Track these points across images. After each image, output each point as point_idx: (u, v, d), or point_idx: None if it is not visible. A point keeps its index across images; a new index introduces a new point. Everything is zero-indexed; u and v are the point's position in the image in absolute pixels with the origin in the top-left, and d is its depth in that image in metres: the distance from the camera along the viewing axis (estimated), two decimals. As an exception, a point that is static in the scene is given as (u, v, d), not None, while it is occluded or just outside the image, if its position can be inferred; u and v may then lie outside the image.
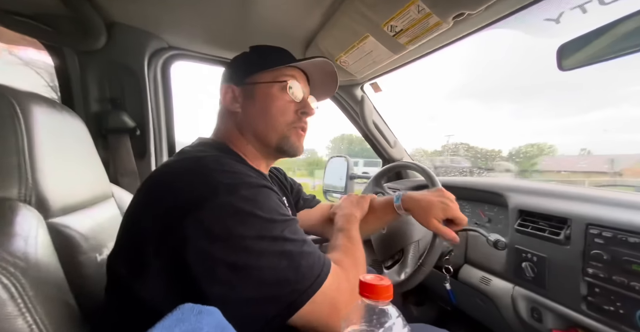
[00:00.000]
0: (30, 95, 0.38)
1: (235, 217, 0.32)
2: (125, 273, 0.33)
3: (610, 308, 0.46)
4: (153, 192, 0.36)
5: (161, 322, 0.24)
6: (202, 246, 0.31)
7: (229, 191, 0.33)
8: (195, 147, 0.45)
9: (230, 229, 0.32)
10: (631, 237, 0.45)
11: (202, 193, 0.33)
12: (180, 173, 0.36)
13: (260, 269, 0.32)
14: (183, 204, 0.32)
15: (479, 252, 0.74)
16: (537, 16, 0.60)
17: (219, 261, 0.31)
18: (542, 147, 9.87)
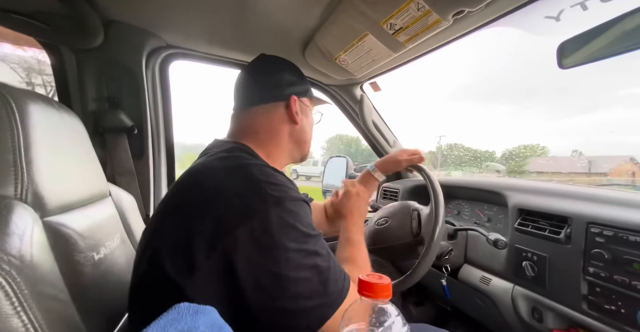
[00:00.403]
0: (27, 93, 0.38)
1: (281, 229, 0.35)
2: (173, 272, 0.33)
3: (611, 308, 0.45)
4: (203, 196, 0.37)
5: (156, 321, 0.24)
6: (250, 255, 0.33)
7: (277, 203, 0.36)
8: (233, 151, 0.45)
9: (275, 240, 0.34)
10: (632, 236, 0.45)
11: (254, 204, 0.35)
12: (230, 181, 0.38)
13: (297, 282, 0.34)
14: (236, 213, 0.34)
15: (479, 252, 0.74)
16: (537, 14, 0.59)
17: (265, 270, 0.33)
18: (534, 148, 10.03)
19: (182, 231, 0.35)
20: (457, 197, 0.95)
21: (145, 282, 0.37)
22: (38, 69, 1.07)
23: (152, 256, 0.36)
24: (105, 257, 0.46)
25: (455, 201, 0.95)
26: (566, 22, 0.56)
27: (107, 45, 0.77)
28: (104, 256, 0.46)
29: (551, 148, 11.57)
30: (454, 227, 0.77)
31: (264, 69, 0.54)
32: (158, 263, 0.34)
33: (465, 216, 0.91)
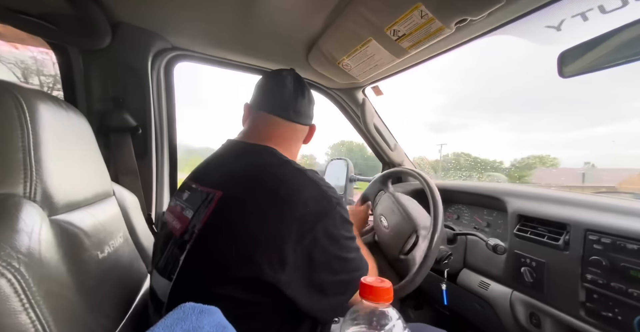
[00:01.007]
0: (37, 93, 0.39)
1: (342, 224, 0.45)
2: (269, 269, 0.38)
3: (608, 314, 0.46)
4: (282, 203, 0.42)
5: (163, 320, 0.24)
6: (325, 245, 0.42)
7: (338, 203, 0.45)
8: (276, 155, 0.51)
9: (341, 232, 0.44)
10: (630, 244, 0.45)
11: (325, 205, 0.44)
12: (304, 186, 0.45)
13: (351, 260, 0.45)
14: (314, 213, 0.42)
15: (478, 257, 0.74)
16: (538, 23, 0.60)
17: (334, 255, 0.43)
18: (544, 159, 9.85)
19: (272, 231, 0.40)
20: (457, 202, 0.95)
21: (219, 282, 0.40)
22: (36, 70, 1.08)
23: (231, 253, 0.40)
24: (109, 255, 0.46)
25: (455, 205, 0.96)
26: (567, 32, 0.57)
27: (114, 47, 0.78)
28: (108, 255, 0.46)
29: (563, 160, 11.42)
30: (454, 231, 0.77)
31: (309, 93, 0.61)
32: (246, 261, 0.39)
33: (464, 221, 0.91)
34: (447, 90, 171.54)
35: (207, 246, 0.41)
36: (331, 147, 13.19)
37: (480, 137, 68.87)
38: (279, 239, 0.39)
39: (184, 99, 0.96)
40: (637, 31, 0.49)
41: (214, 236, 0.41)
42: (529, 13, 0.57)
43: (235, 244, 0.40)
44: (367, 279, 0.32)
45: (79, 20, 0.71)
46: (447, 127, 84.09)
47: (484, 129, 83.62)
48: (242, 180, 0.45)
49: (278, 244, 0.39)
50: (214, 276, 0.40)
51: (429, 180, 0.67)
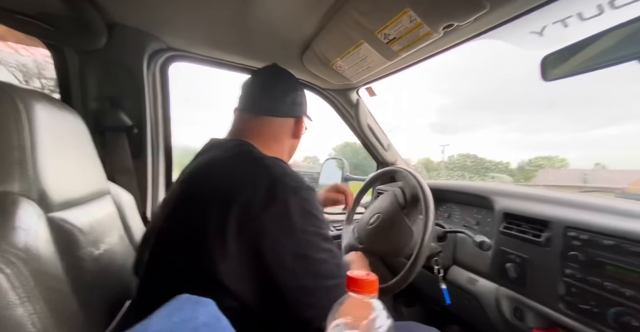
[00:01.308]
0: (33, 93, 0.40)
1: (300, 214, 0.39)
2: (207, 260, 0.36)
3: (585, 307, 0.48)
4: (230, 187, 0.39)
5: (159, 310, 0.26)
6: (275, 238, 0.37)
7: (294, 192, 0.40)
8: (243, 147, 0.48)
9: (296, 224, 0.38)
10: (605, 240, 0.47)
11: (276, 193, 0.39)
12: (253, 172, 0.41)
13: (316, 262, 0.39)
14: (260, 201, 0.38)
15: (467, 254, 0.76)
16: (523, 29, 0.63)
17: (288, 251, 0.37)
18: (552, 160, 9.59)
19: (214, 220, 0.37)
20: (448, 201, 0.98)
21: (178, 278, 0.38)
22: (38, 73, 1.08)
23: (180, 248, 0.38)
24: (105, 253, 0.47)
25: (446, 204, 0.98)
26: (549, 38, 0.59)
27: (110, 47, 0.79)
28: (104, 252, 0.47)
29: (572, 161, 10.65)
30: (444, 229, 0.79)
31: (285, 84, 0.58)
32: (190, 254, 0.37)
33: (455, 219, 0.93)
34: (452, 91, 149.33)
35: (164, 243, 0.41)
36: (335, 149, 12.78)
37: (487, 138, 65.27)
38: (220, 227, 0.37)
39: (202, 101, 0.96)
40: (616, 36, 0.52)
41: (169, 232, 0.41)
42: (512, 19, 0.59)
43: (183, 238, 0.39)
44: (352, 271, 0.33)
45: (75, 20, 0.71)
46: (453, 128, 77.78)
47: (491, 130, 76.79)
48: (199, 174, 0.44)
49: (219, 232, 0.36)
50: (171, 273, 0.39)
51: (421, 179, 0.69)
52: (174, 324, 0.24)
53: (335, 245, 0.43)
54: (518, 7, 0.56)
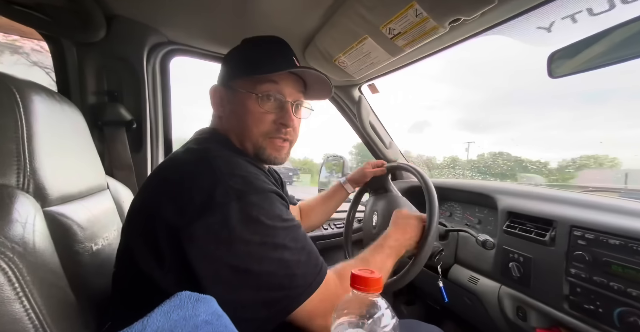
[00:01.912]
0: (30, 84, 0.39)
1: (242, 222, 0.34)
2: (146, 266, 0.34)
3: (590, 307, 0.48)
4: (168, 190, 0.37)
5: (160, 307, 0.25)
6: (208, 248, 0.33)
7: (239, 196, 0.35)
8: (202, 143, 0.45)
9: (236, 234, 0.34)
10: (611, 239, 0.47)
11: (215, 197, 0.34)
12: (194, 174, 0.37)
13: (259, 275, 0.34)
14: (195, 207, 0.34)
15: (469, 253, 0.76)
16: (530, 24, 0.62)
17: (223, 263, 0.33)
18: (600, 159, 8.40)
19: (151, 225, 0.35)
20: (450, 200, 0.97)
21: (125, 276, 0.38)
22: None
23: (127, 251, 0.38)
24: (103, 248, 0.47)
25: (448, 203, 0.98)
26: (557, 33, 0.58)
27: (109, 40, 0.77)
28: (102, 247, 0.46)
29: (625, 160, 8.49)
30: (446, 228, 0.79)
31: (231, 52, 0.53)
32: (133, 259, 0.36)
33: (457, 218, 0.93)
34: (484, 86, 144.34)
35: (123, 238, 0.41)
36: (356, 147, 12.01)
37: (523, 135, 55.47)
38: (154, 232, 0.34)
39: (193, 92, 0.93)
40: (625, 32, 0.51)
41: (124, 229, 0.42)
42: (520, 14, 0.58)
43: (128, 237, 0.39)
44: (356, 269, 0.32)
45: (73, 12, 0.70)
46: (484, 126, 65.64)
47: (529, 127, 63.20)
48: (156, 171, 0.43)
49: (154, 237, 0.34)
50: (124, 270, 0.38)
51: (425, 176, 0.68)
52: (173, 321, 0.23)
53: (296, 251, 0.37)
54: (526, 1, 0.55)
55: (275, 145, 0.49)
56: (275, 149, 0.49)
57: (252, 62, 0.48)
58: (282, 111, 0.48)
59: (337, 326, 0.32)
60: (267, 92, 0.47)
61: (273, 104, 0.48)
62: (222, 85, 0.50)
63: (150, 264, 0.34)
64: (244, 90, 0.47)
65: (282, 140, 0.49)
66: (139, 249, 0.36)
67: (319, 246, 1.09)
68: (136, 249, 0.36)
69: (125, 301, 0.38)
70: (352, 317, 0.32)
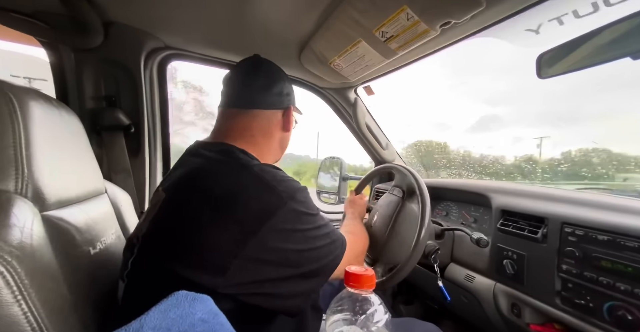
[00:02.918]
0: (28, 91, 0.40)
1: (297, 218, 0.42)
2: (203, 277, 0.36)
3: (581, 302, 0.48)
4: (217, 203, 0.39)
5: (157, 306, 0.26)
6: (275, 245, 0.39)
7: (290, 197, 0.41)
8: (226, 154, 0.47)
9: (295, 227, 0.41)
10: (600, 235, 0.48)
11: (271, 203, 0.40)
12: (245, 185, 0.41)
13: (316, 249, 0.43)
14: (256, 215, 0.38)
15: (464, 251, 0.77)
16: (519, 26, 0.63)
17: (289, 251, 0.40)
18: None
19: (203, 239, 0.37)
20: (446, 199, 0.98)
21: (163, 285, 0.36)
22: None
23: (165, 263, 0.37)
24: (101, 252, 0.47)
25: (444, 202, 0.99)
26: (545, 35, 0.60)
27: (106, 45, 0.78)
28: (100, 251, 0.47)
29: None
30: (441, 227, 0.80)
31: (266, 74, 0.55)
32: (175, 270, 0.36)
33: (453, 217, 0.94)
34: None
35: (149, 251, 0.40)
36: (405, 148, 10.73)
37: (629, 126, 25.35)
38: (215, 244, 0.36)
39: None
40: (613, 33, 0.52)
41: (155, 241, 0.40)
42: (509, 16, 0.60)
43: (172, 249, 0.38)
44: (351, 267, 0.33)
45: (71, 19, 0.71)
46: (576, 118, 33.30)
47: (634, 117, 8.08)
48: (183, 181, 0.43)
49: (215, 248, 0.36)
50: (157, 281, 0.38)
51: (418, 177, 0.69)
52: (170, 320, 0.24)
53: (329, 226, 0.47)
54: (514, 4, 0.57)
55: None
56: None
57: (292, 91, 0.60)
58: None
59: (332, 323, 0.33)
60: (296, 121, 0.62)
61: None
62: (292, 106, 0.58)
63: (203, 278, 0.36)
64: (294, 117, 0.60)
65: None
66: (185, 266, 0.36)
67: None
68: (179, 267, 0.36)
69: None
70: (346, 314, 0.33)
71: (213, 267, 0.36)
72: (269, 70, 0.55)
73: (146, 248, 0.40)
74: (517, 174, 3.49)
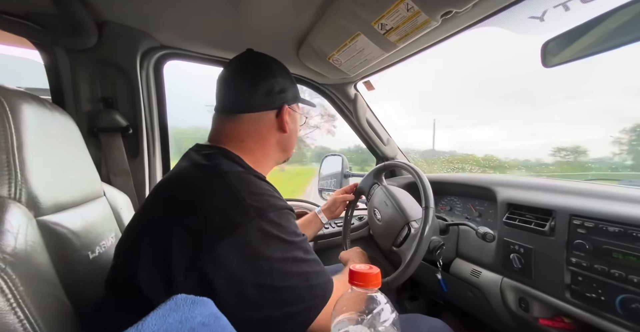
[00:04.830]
0: (19, 94, 0.39)
1: (264, 240, 0.35)
2: (147, 289, 0.33)
3: (592, 295, 0.47)
4: (180, 211, 0.35)
5: (155, 311, 0.25)
6: (232, 271, 0.33)
7: (259, 215, 0.36)
8: (210, 159, 0.43)
9: (259, 253, 0.34)
10: (611, 227, 0.47)
11: (235, 218, 0.34)
12: (209, 193, 0.36)
13: (283, 290, 0.35)
14: (215, 229, 0.33)
15: (470, 246, 0.76)
16: (522, 14, 0.61)
17: (249, 283, 0.33)
18: None
19: (160, 247, 0.34)
20: (450, 194, 0.97)
21: (116, 291, 0.36)
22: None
23: (126, 268, 0.35)
24: (100, 256, 0.46)
25: (448, 197, 0.97)
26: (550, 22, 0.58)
27: (101, 46, 0.77)
28: (99, 255, 0.46)
29: None
30: (446, 222, 0.78)
31: (253, 72, 0.49)
32: (132, 277, 0.34)
33: (457, 212, 0.93)
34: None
35: (118, 258, 0.39)
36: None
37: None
38: (167, 255, 0.33)
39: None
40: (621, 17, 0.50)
41: (122, 249, 0.39)
42: (512, 4, 0.58)
43: (133, 258, 0.35)
44: (355, 266, 0.32)
45: (64, 19, 0.70)
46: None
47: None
48: (159, 186, 0.42)
49: (166, 260, 0.32)
50: (123, 291, 0.35)
51: (420, 172, 0.68)
52: (169, 324, 0.23)
53: (312, 262, 0.39)
54: (517, -9, 0.55)
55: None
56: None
57: (297, 89, 0.57)
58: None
59: (337, 323, 0.32)
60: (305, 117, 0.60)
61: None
62: (289, 104, 0.53)
63: (156, 290, 0.32)
64: (300, 114, 0.58)
65: None
66: (143, 273, 0.33)
67: (319, 245, 1.09)
68: (140, 274, 0.33)
69: (112, 318, 0.36)
70: (351, 314, 0.32)
71: (161, 283, 0.32)
72: (257, 66, 0.50)
73: (117, 255, 0.39)
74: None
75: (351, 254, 0.73)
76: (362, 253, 0.74)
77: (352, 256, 0.72)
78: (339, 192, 0.88)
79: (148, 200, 0.41)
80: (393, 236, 0.71)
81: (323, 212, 0.84)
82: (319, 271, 0.40)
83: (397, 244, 0.70)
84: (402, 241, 0.68)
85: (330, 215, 0.84)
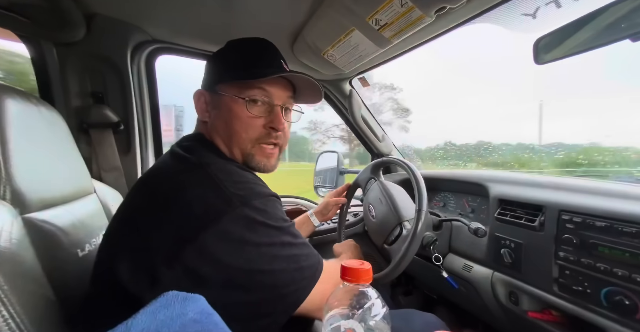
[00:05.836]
0: (3, 88, 0.37)
1: (249, 227, 0.35)
2: (132, 285, 0.32)
3: (578, 288, 0.49)
4: (160, 203, 0.35)
5: (145, 307, 0.25)
6: (219, 257, 0.33)
7: (242, 202, 0.35)
8: (192, 151, 0.42)
9: (245, 239, 0.34)
10: (598, 222, 0.48)
11: (218, 206, 0.34)
12: (190, 184, 0.36)
13: (272, 273, 0.35)
14: (199, 218, 0.33)
15: (462, 241, 0.77)
16: (515, 11, 0.61)
17: (236, 268, 0.34)
18: None
19: (141, 242, 0.33)
20: (443, 190, 0.98)
21: (101, 287, 0.36)
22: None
23: (109, 265, 0.34)
24: (90, 253, 0.46)
25: (441, 193, 0.98)
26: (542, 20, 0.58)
27: (90, 39, 0.75)
28: (89, 253, 0.45)
29: None
30: (439, 218, 0.79)
31: (217, 54, 0.51)
32: (115, 273, 0.33)
33: (450, 208, 0.94)
34: None
35: (101, 250, 0.39)
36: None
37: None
38: (148, 248, 0.33)
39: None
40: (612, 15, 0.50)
41: (105, 240, 0.39)
42: (505, 0, 0.58)
43: (113, 253, 0.35)
44: (346, 261, 0.33)
45: (50, 11, 0.67)
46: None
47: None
48: (143, 179, 0.42)
49: (148, 254, 0.32)
50: (105, 287, 0.35)
51: (415, 169, 0.68)
52: (159, 321, 0.23)
53: (300, 245, 0.39)
54: (511, -13, 0.55)
55: (264, 152, 0.48)
56: (264, 155, 0.48)
57: (239, 67, 0.47)
58: (272, 115, 0.47)
59: (329, 318, 0.32)
60: (255, 97, 0.46)
61: (262, 108, 0.46)
62: (208, 89, 0.49)
63: (139, 283, 0.32)
64: (231, 95, 0.45)
65: (272, 146, 0.49)
66: (124, 268, 0.33)
67: (314, 241, 1.10)
68: (121, 269, 0.33)
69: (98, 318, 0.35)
70: (343, 309, 0.33)
71: (145, 276, 0.32)
72: (222, 49, 0.51)
73: (99, 251, 0.39)
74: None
75: (344, 248, 0.74)
76: (355, 246, 0.74)
77: (346, 248, 0.73)
78: (331, 195, 0.88)
79: (129, 194, 0.41)
80: (385, 234, 0.72)
81: (315, 215, 0.84)
82: (308, 253, 0.40)
83: (389, 242, 0.70)
84: (393, 240, 0.69)
85: (323, 218, 0.85)
